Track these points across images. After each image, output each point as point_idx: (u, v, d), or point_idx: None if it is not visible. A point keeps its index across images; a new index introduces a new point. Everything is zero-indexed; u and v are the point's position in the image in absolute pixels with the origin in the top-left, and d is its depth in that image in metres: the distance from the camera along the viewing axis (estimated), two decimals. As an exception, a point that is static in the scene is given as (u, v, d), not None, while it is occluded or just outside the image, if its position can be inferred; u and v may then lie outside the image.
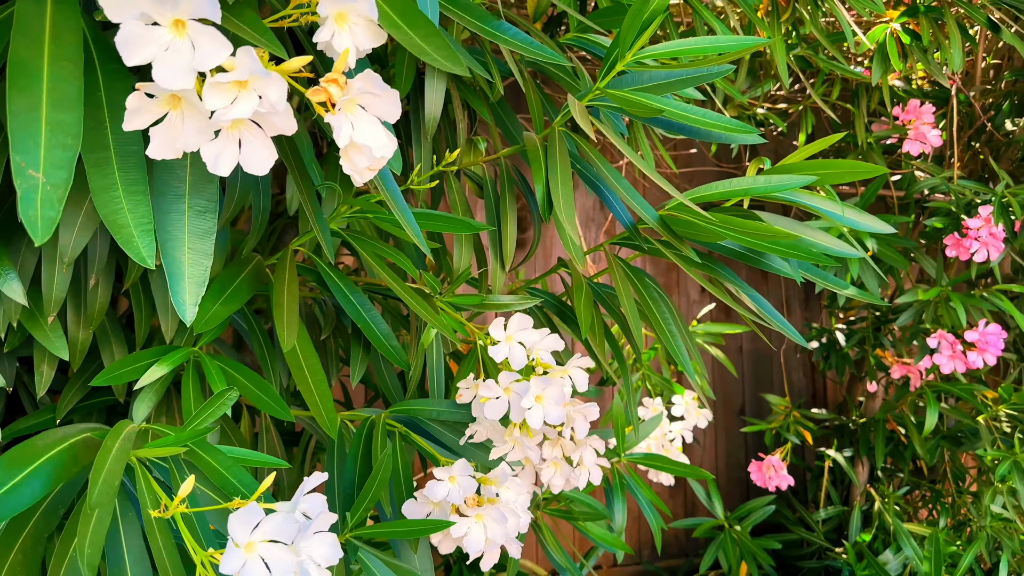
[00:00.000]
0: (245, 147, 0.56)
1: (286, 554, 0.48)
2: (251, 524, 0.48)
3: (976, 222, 1.67)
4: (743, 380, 2.96)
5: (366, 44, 0.59)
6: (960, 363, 1.78)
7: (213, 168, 0.55)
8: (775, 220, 1.02)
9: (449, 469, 0.69)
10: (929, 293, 1.78)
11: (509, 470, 0.71)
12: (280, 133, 0.57)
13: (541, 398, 0.73)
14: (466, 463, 0.69)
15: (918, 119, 2.00)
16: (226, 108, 0.51)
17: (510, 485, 0.70)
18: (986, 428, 1.88)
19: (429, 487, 0.68)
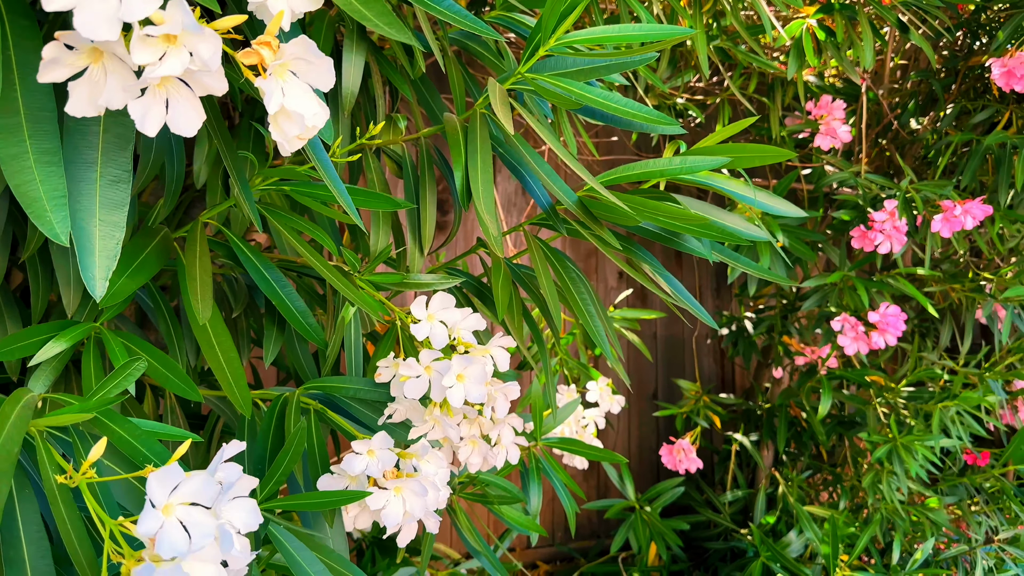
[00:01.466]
0: (172, 107, 0.53)
1: (206, 517, 0.46)
2: (170, 485, 0.46)
3: (881, 215, 1.75)
4: (656, 365, 3.03)
5: (302, 6, 0.56)
6: (863, 344, 1.86)
7: (141, 126, 0.52)
8: (690, 203, 1.04)
9: (368, 442, 0.68)
10: (833, 276, 1.85)
11: (429, 444, 0.70)
12: (210, 93, 0.54)
13: (463, 377, 0.72)
14: (386, 436, 0.68)
15: (829, 115, 2.07)
16: (155, 64, 0.49)
17: (430, 459, 0.69)
18: (874, 413, 1.97)
19: (347, 460, 0.66)
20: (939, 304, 2.24)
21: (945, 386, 2.03)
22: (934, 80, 2.08)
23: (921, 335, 2.37)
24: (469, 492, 1.18)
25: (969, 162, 1.88)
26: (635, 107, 0.90)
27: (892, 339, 1.81)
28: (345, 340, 0.84)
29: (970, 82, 2.16)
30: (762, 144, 0.93)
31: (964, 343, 2.23)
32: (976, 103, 2.01)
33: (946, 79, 2.15)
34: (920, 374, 2.00)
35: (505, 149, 0.94)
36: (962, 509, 2.35)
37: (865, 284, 1.87)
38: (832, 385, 2.16)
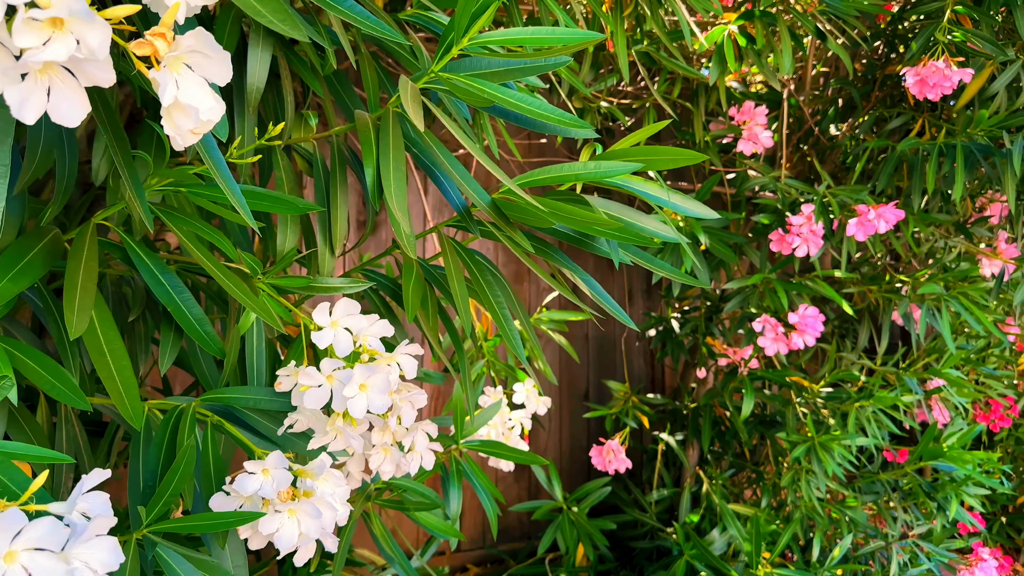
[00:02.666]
0: (55, 95, 0.50)
1: (54, 562, 0.43)
2: (11, 531, 0.43)
3: (799, 219, 1.79)
4: (587, 366, 3.04)
5: (198, 0, 0.54)
6: (783, 345, 1.90)
7: (18, 113, 0.49)
8: (608, 206, 1.04)
9: (262, 462, 0.65)
10: (753, 278, 1.88)
11: (328, 461, 0.68)
12: (96, 84, 0.51)
13: (365, 386, 0.70)
14: (280, 455, 0.65)
15: (752, 120, 2.11)
16: (38, 49, 0.46)
17: (327, 477, 0.67)
18: (793, 413, 2.02)
19: (239, 480, 0.64)
20: (857, 305, 2.30)
21: (863, 386, 2.09)
22: (853, 88, 2.13)
23: (841, 336, 2.43)
24: (385, 499, 1.16)
25: (884, 167, 1.93)
26: (548, 109, 0.89)
27: (811, 340, 1.85)
28: (247, 348, 0.81)
29: (887, 90, 2.23)
30: (675, 147, 0.93)
31: (881, 343, 2.30)
32: (892, 111, 2.08)
33: (865, 87, 2.21)
34: (838, 374, 2.05)
35: (420, 149, 0.92)
36: (879, 506, 2.42)
37: (785, 286, 1.90)
38: (754, 385, 2.20)
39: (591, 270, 2.99)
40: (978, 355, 2.84)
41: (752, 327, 1.91)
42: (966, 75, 1.71)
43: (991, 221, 2.33)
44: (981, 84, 1.83)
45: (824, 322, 2.08)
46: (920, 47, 1.77)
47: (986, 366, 2.69)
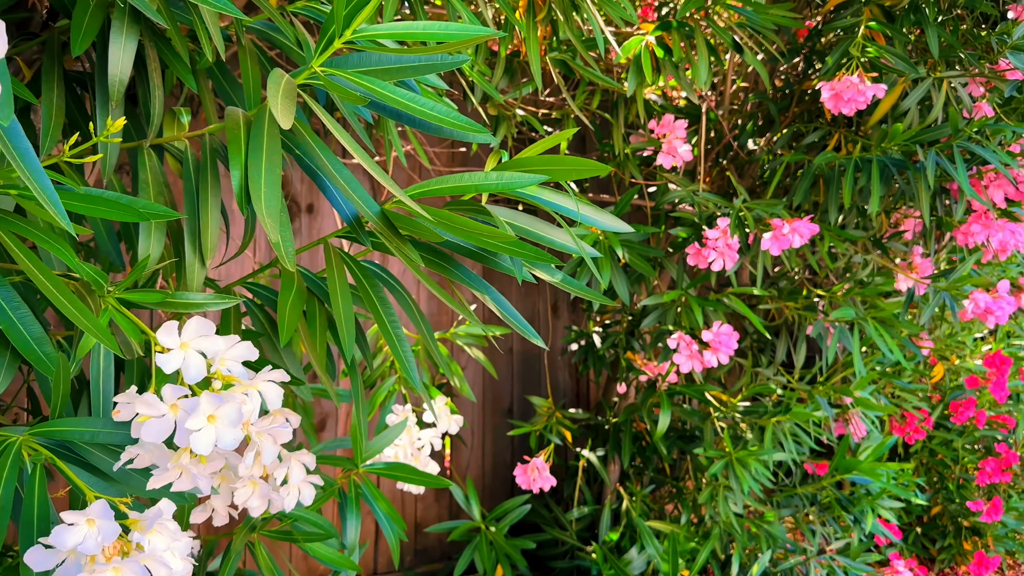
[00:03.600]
0: None
1: None
2: None
3: (714, 233, 1.76)
4: (512, 380, 2.99)
5: None
6: (697, 362, 1.87)
7: None
8: (516, 218, 0.99)
9: (85, 511, 0.56)
10: (670, 294, 1.85)
11: (168, 508, 0.60)
12: None
13: (214, 418, 0.62)
14: (105, 505, 0.57)
15: (671, 134, 2.09)
16: None
17: (159, 530, 0.59)
18: (711, 428, 2.00)
19: (56, 533, 0.55)
20: (775, 321, 2.30)
21: (779, 401, 2.08)
22: (771, 103, 2.14)
23: (759, 350, 2.43)
24: (272, 530, 1.07)
25: (801, 182, 1.93)
26: (443, 112, 0.83)
27: (724, 358, 1.83)
28: (93, 371, 0.72)
29: (804, 106, 2.24)
30: (582, 158, 0.88)
31: (797, 359, 2.30)
32: (810, 126, 2.08)
33: (782, 103, 2.22)
34: (755, 389, 2.04)
35: (303, 152, 0.85)
36: (797, 520, 2.42)
37: (700, 303, 1.88)
38: (673, 400, 2.17)
39: (516, 282, 2.94)
40: (893, 369, 2.88)
41: (668, 343, 1.88)
42: (879, 90, 1.71)
43: (906, 236, 2.37)
44: (894, 100, 1.85)
45: (742, 336, 2.07)
46: (835, 62, 1.77)
47: (901, 380, 2.73)
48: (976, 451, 3.62)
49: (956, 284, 2.04)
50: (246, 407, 0.66)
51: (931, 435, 3.58)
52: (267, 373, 0.69)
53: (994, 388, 3.40)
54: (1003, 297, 2.08)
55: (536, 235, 0.99)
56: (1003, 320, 2.10)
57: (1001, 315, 2.10)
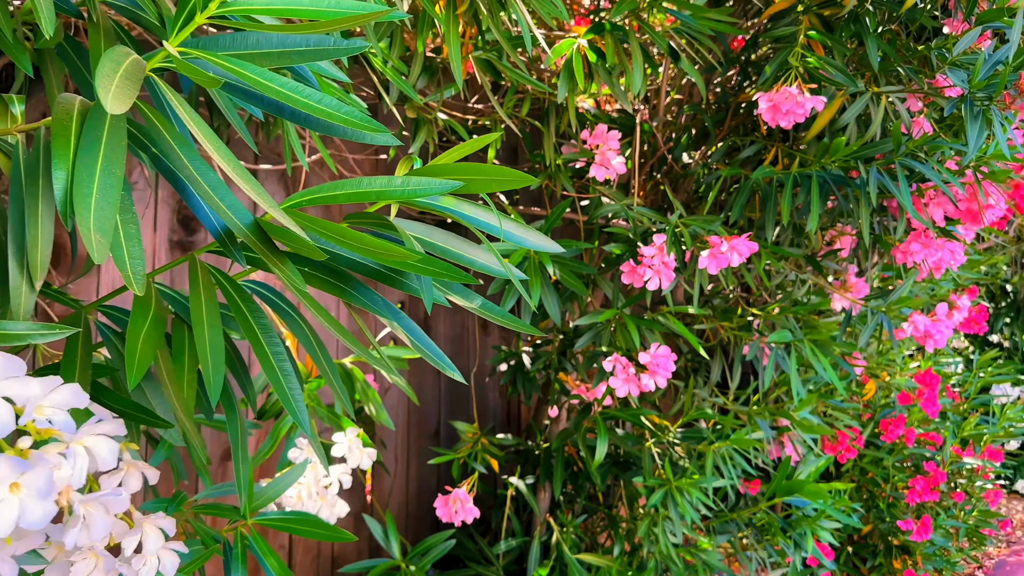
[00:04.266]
0: None
1: None
2: None
3: (650, 250, 1.66)
4: (439, 402, 2.84)
5: None
6: (634, 386, 1.76)
7: None
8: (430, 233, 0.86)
9: None
10: (604, 314, 1.74)
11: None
12: None
13: (18, 487, 0.47)
14: None
15: (605, 144, 1.99)
16: None
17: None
18: (648, 454, 1.89)
19: None
20: (710, 341, 2.22)
21: (715, 426, 1.99)
22: (706, 115, 2.06)
23: (694, 370, 2.35)
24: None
25: (738, 198, 1.85)
26: (333, 105, 0.69)
27: (662, 381, 1.73)
28: None
29: (740, 119, 2.17)
30: (504, 167, 0.76)
31: (733, 380, 2.22)
32: (746, 139, 2.01)
33: (718, 115, 2.15)
34: (692, 414, 1.95)
35: (160, 150, 0.70)
36: (734, 546, 2.34)
37: (636, 322, 1.78)
38: (608, 425, 2.06)
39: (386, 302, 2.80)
40: (826, 388, 2.84)
41: (603, 365, 1.77)
42: (818, 103, 1.64)
43: (841, 255, 2.32)
44: (831, 115, 1.78)
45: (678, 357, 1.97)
46: (773, 72, 1.70)
47: (834, 399, 2.69)
48: (906, 469, 3.62)
49: (894, 305, 1.99)
50: (61, 472, 0.51)
51: (862, 453, 3.57)
52: (95, 426, 0.54)
53: (924, 405, 3.41)
54: (941, 320, 2.04)
55: (453, 253, 0.86)
56: (942, 343, 2.06)
57: (940, 338, 2.06)
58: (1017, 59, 1.45)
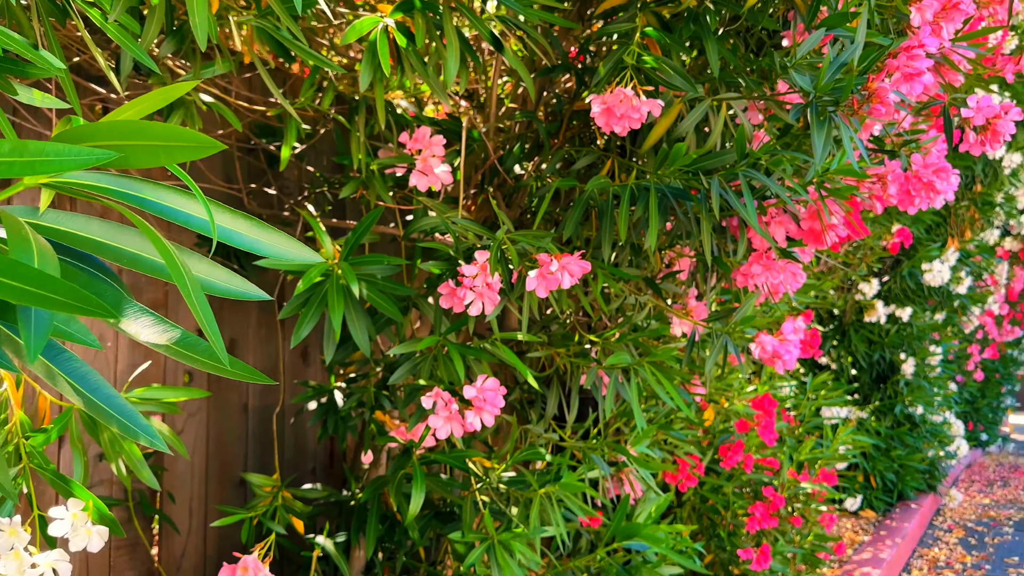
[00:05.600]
0: None
1: None
2: None
3: (471, 269, 1.43)
4: (246, 443, 2.47)
5: None
6: (457, 425, 1.52)
7: None
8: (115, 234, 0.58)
9: None
10: (424, 342, 1.49)
11: None
12: None
13: None
14: None
15: (427, 150, 1.75)
16: None
17: None
18: (472, 503, 1.65)
19: None
20: (546, 371, 2.01)
21: (548, 467, 1.78)
22: (539, 122, 1.86)
23: (530, 403, 2.13)
24: None
25: (572, 213, 1.66)
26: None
27: (489, 418, 1.49)
28: None
29: (576, 129, 2.00)
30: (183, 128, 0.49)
31: (570, 412, 2.02)
32: (582, 150, 1.83)
33: (553, 123, 1.96)
34: (523, 456, 1.72)
35: None
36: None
37: (462, 351, 1.54)
38: (430, 470, 1.80)
39: (253, 322, 2.46)
40: (666, 418, 2.72)
41: (423, 402, 1.51)
42: (655, 107, 1.48)
43: (680, 276, 2.19)
44: (670, 123, 1.63)
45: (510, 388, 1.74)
46: (608, 72, 1.52)
47: (673, 429, 2.56)
48: (745, 495, 3.59)
49: (738, 326, 1.86)
50: None
51: (703, 481, 3.50)
52: None
53: (763, 431, 3.38)
54: (789, 340, 1.93)
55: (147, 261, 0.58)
56: (791, 364, 1.96)
57: (789, 359, 1.95)
58: (864, 60, 1.34)
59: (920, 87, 1.41)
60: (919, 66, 1.40)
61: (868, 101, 1.33)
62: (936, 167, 1.75)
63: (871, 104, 1.32)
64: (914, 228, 5.20)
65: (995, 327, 8.14)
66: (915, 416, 5.67)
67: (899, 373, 5.62)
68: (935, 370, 6.01)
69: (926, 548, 5.20)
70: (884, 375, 5.77)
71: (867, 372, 5.72)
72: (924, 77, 1.42)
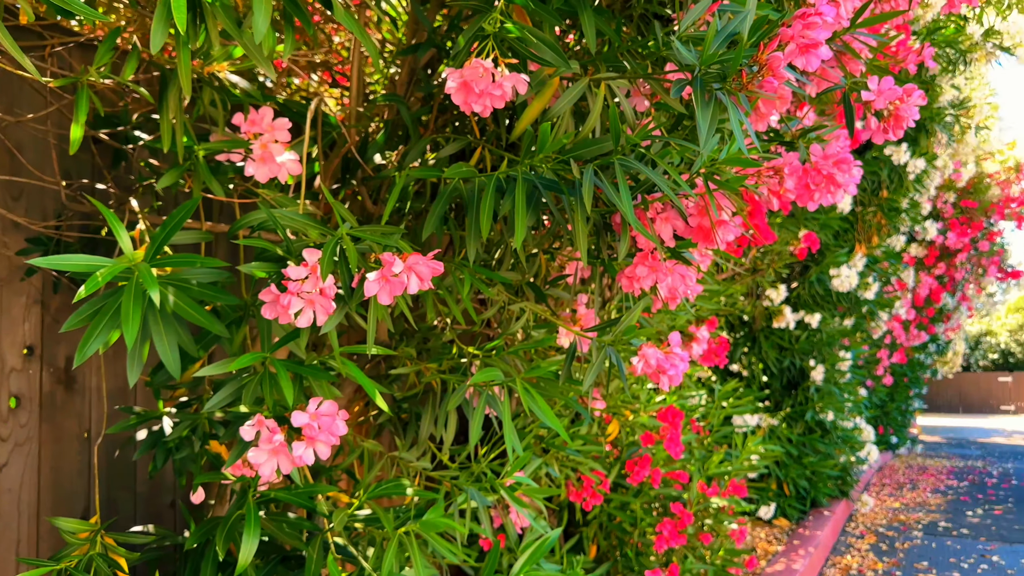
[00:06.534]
0: None
1: None
2: None
3: (298, 271, 1.19)
4: (89, 476, 2.16)
5: None
6: (285, 460, 1.27)
7: None
8: None
9: None
10: (239, 361, 1.24)
11: None
12: None
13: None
14: None
15: (268, 134, 1.51)
16: None
17: None
18: (322, 546, 1.40)
19: None
20: (415, 387, 1.78)
21: (411, 502, 1.55)
22: (403, 106, 1.64)
23: (401, 424, 1.90)
24: None
25: (435, 206, 1.44)
26: None
27: (325, 449, 1.25)
28: None
29: (450, 115, 1.79)
30: None
31: (447, 434, 1.80)
32: (452, 138, 1.61)
33: (424, 108, 1.74)
34: (379, 491, 1.48)
35: None
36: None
37: (294, 369, 1.29)
38: (276, 506, 1.55)
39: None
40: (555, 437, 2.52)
41: (241, 434, 1.26)
42: (519, 83, 1.27)
43: (568, 281, 1.99)
44: (543, 106, 1.43)
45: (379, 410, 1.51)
46: (468, 43, 1.31)
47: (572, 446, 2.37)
48: (655, 511, 3.43)
49: (622, 338, 1.67)
50: None
51: (609, 498, 3.32)
52: None
53: (668, 444, 3.22)
54: (675, 352, 1.75)
55: None
56: (677, 379, 1.77)
57: (675, 374, 1.76)
58: (755, 33, 1.17)
59: (817, 61, 1.24)
60: (816, 36, 1.23)
61: (759, 75, 1.15)
62: (836, 158, 1.60)
63: (763, 77, 1.14)
64: (822, 234, 5.18)
65: (903, 332, 8.30)
66: (826, 422, 5.65)
67: (809, 379, 5.59)
68: (845, 376, 6.02)
69: (839, 556, 5.16)
70: (795, 381, 5.74)
71: (778, 379, 5.68)
72: (821, 50, 1.25)
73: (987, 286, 10.01)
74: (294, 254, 1.27)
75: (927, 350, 10.41)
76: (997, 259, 9.14)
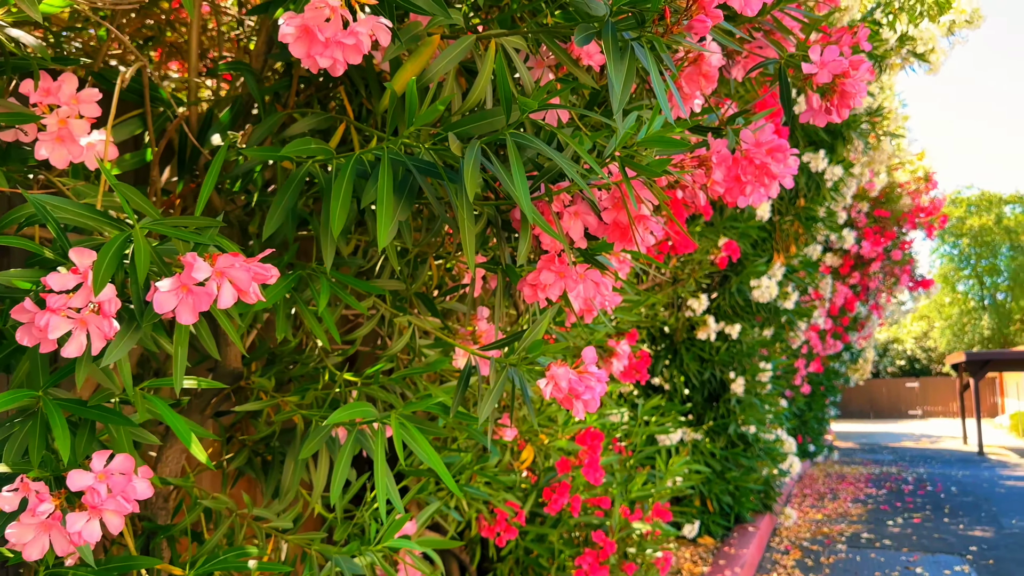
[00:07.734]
0: None
1: None
2: None
3: (62, 280, 0.85)
4: None
5: None
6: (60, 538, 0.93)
7: None
8: None
9: None
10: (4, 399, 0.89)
11: None
12: None
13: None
14: None
15: (69, 107, 1.17)
16: None
17: None
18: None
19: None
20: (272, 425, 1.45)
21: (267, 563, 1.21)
22: (249, 76, 1.32)
23: (264, 470, 1.56)
24: None
25: (280, 196, 1.12)
26: None
27: (116, 520, 0.92)
28: None
29: (316, 89, 1.47)
30: None
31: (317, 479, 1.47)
32: (307, 111, 1.30)
33: (280, 82, 1.42)
34: (217, 563, 1.15)
35: None
36: None
37: (76, 411, 0.95)
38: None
39: None
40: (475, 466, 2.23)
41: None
42: (380, 29, 0.97)
43: (468, 291, 1.70)
44: (420, 67, 1.13)
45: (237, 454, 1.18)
46: (313, -20, 1.00)
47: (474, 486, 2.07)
48: (575, 541, 3.15)
49: (527, 356, 1.38)
50: None
51: (524, 531, 3.03)
52: None
53: (587, 470, 2.94)
54: (590, 372, 1.46)
55: None
56: (594, 406, 1.48)
57: (591, 398, 1.46)
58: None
59: (758, 3, 0.98)
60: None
61: (687, 14, 0.88)
62: (770, 145, 1.35)
63: (692, 16, 0.88)
64: (741, 242, 5.03)
65: (819, 341, 8.31)
66: (748, 435, 5.51)
67: (730, 391, 5.44)
68: (766, 387, 5.90)
69: (765, 574, 5.00)
70: (716, 393, 5.58)
71: (699, 391, 5.51)
72: (759, -8, 1.00)
73: (898, 295, 10.19)
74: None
75: (841, 358, 10.53)
76: (909, 268, 9.30)
